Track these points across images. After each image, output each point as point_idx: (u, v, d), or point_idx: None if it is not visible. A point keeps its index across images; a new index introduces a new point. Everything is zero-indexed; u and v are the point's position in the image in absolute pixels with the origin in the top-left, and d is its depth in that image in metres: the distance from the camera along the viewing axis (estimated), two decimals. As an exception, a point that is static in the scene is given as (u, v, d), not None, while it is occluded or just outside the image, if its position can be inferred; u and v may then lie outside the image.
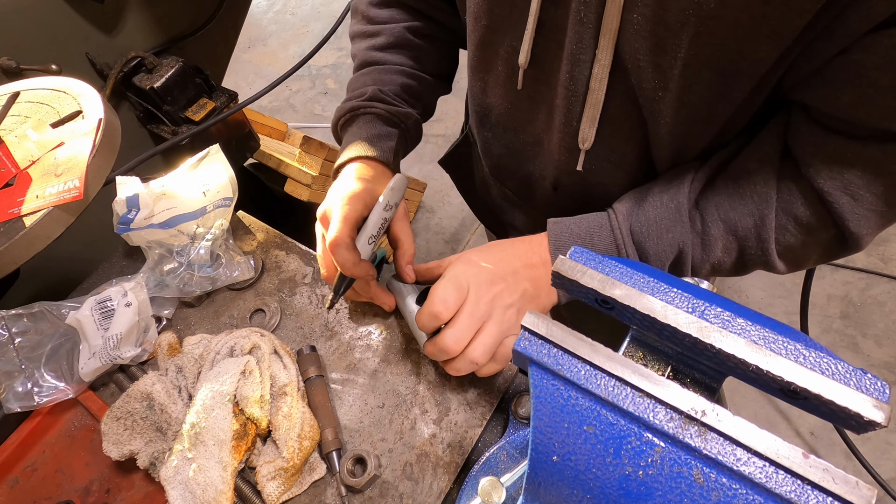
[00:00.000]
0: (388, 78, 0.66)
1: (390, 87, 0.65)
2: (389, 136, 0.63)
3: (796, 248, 0.48)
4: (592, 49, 0.46)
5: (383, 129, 0.63)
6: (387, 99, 0.64)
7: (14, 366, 0.60)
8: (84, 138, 0.62)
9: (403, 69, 0.67)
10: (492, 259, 0.52)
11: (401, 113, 0.64)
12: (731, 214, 0.48)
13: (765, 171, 0.47)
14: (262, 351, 0.58)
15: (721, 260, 0.50)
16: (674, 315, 0.28)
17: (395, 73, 0.66)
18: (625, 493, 0.27)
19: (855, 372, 0.25)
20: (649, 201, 0.50)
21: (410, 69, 0.67)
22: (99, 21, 0.94)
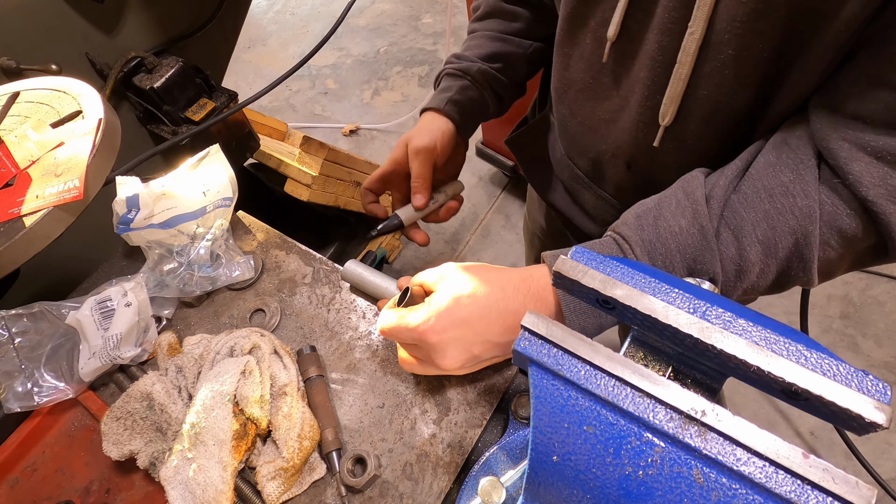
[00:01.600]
0: (473, 43, 0.75)
1: (474, 50, 0.74)
2: (449, 89, 0.72)
3: (834, 260, 0.44)
4: (685, 21, 0.44)
5: (447, 83, 0.73)
6: (455, 60, 0.74)
7: (14, 366, 0.60)
8: (84, 138, 0.62)
9: (489, 33, 0.74)
10: (481, 308, 0.47)
11: (463, 67, 0.72)
12: (770, 234, 0.43)
13: (803, 181, 0.42)
14: (262, 351, 0.58)
15: (755, 284, 0.46)
16: (675, 316, 0.28)
17: (480, 38, 0.75)
18: (625, 493, 0.27)
19: (856, 373, 0.25)
20: (666, 227, 0.45)
21: (497, 33, 0.74)
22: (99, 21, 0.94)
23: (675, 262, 0.45)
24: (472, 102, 0.72)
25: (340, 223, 1.74)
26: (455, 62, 0.74)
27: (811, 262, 0.43)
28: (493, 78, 0.73)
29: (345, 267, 0.66)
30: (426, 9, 2.96)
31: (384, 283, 0.63)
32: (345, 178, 1.58)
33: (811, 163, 0.42)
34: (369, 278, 0.64)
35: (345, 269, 0.66)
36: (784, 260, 0.44)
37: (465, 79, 0.72)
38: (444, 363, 0.47)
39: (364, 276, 0.64)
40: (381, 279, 0.64)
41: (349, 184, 1.60)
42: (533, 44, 0.75)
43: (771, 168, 0.44)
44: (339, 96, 2.62)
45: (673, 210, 0.46)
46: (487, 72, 0.72)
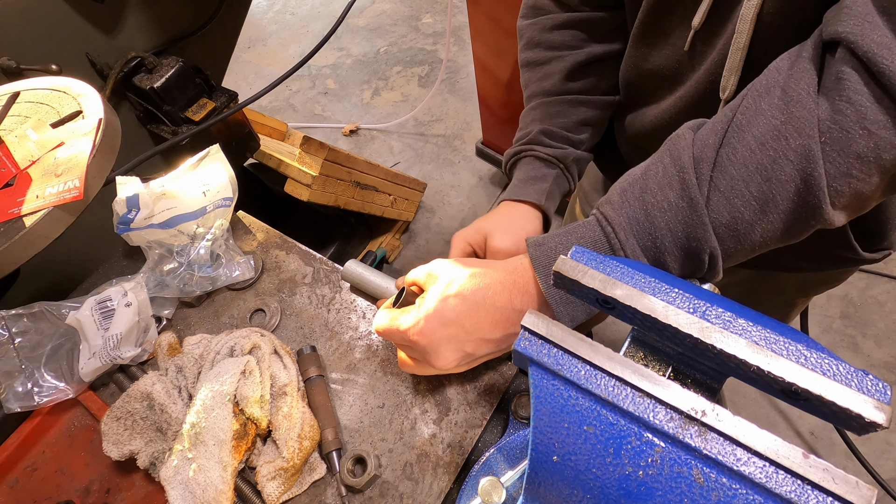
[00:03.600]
0: (555, 110, 0.66)
1: (558, 120, 0.65)
2: (545, 179, 0.64)
3: (865, 191, 0.38)
4: None
5: (540, 171, 0.64)
6: (546, 140, 0.65)
7: (14, 366, 0.60)
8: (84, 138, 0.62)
9: (577, 98, 0.66)
10: (470, 307, 0.46)
11: (559, 154, 0.64)
12: (765, 188, 0.38)
13: (794, 119, 0.37)
14: (262, 351, 0.58)
15: (761, 241, 0.41)
16: (675, 315, 0.28)
17: (566, 105, 0.66)
18: (625, 493, 0.27)
19: (856, 373, 0.25)
20: (653, 203, 0.41)
21: (585, 95, 0.66)
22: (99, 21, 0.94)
23: (666, 240, 0.41)
24: (561, 193, 0.66)
25: (340, 223, 1.74)
26: (545, 142, 0.65)
27: (819, 206, 0.38)
28: (582, 157, 0.67)
29: (345, 267, 0.66)
30: (426, 9, 2.96)
31: (384, 282, 0.63)
32: (345, 178, 1.57)
33: (803, 91, 0.38)
34: (369, 278, 0.64)
35: (345, 269, 0.65)
36: (787, 211, 0.39)
37: (558, 166, 0.65)
38: (439, 363, 0.48)
39: (364, 275, 0.64)
40: (380, 279, 0.63)
41: (349, 184, 1.60)
42: (612, 99, 0.68)
43: (758, 113, 0.39)
44: (339, 96, 2.62)
45: (660, 180, 0.41)
46: (580, 157, 0.66)
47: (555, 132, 0.65)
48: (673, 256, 0.41)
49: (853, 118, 0.35)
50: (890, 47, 0.33)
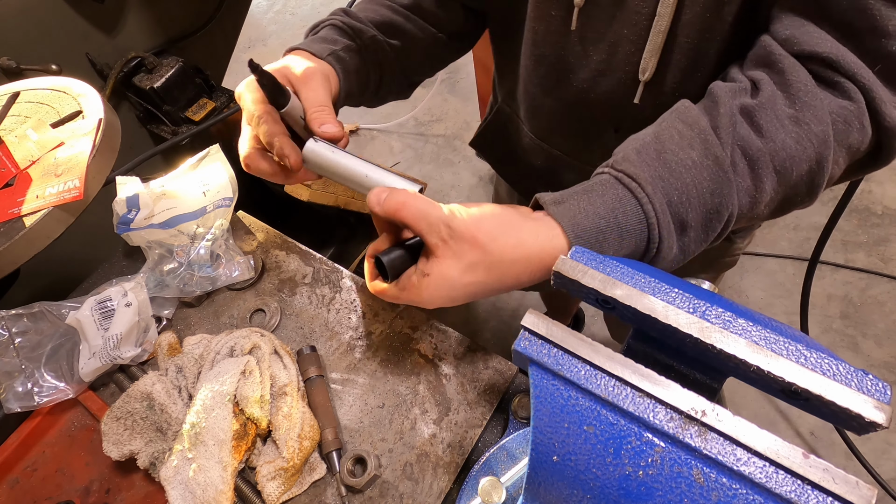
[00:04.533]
0: (368, 6, 0.62)
1: (366, 13, 0.61)
2: (335, 42, 0.57)
3: (834, 177, 0.43)
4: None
5: (331, 35, 0.58)
6: (344, 16, 0.60)
7: (14, 366, 0.60)
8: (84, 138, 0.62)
9: (391, 4, 0.62)
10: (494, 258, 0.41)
11: (356, 27, 0.58)
12: (787, 164, 0.40)
13: (813, 108, 0.40)
14: (262, 351, 0.58)
15: (761, 213, 0.44)
16: (675, 315, 0.28)
17: (379, 4, 0.62)
18: (625, 493, 0.27)
19: (856, 373, 0.25)
20: (676, 160, 0.41)
21: (401, 7, 0.62)
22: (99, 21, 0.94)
23: (692, 197, 0.40)
24: (355, 72, 0.58)
25: (340, 223, 1.74)
26: (344, 17, 0.59)
27: (819, 187, 0.42)
28: (385, 55, 0.61)
29: (307, 147, 0.50)
30: (426, 9, 2.96)
31: (361, 167, 0.49)
32: (345, 178, 1.57)
33: (809, 84, 0.41)
34: (340, 162, 0.50)
35: (307, 150, 0.50)
36: (793, 187, 0.42)
37: (354, 41, 0.59)
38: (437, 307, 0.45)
39: (332, 159, 0.50)
40: (355, 162, 0.50)
41: (349, 184, 1.60)
42: (437, 34, 0.64)
43: (778, 97, 0.41)
44: (339, 96, 2.62)
45: (678, 142, 0.41)
46: (382, 44, 0.60)
47: (359, 16, 0.60)
48: (696, 213, 0.41)
49: (855, 114, 0.40)
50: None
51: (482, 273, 0.41)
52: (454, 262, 0.41)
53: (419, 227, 0.42)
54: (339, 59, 0.56)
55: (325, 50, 0.55)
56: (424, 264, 0.43)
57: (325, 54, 0.55)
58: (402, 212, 0.42)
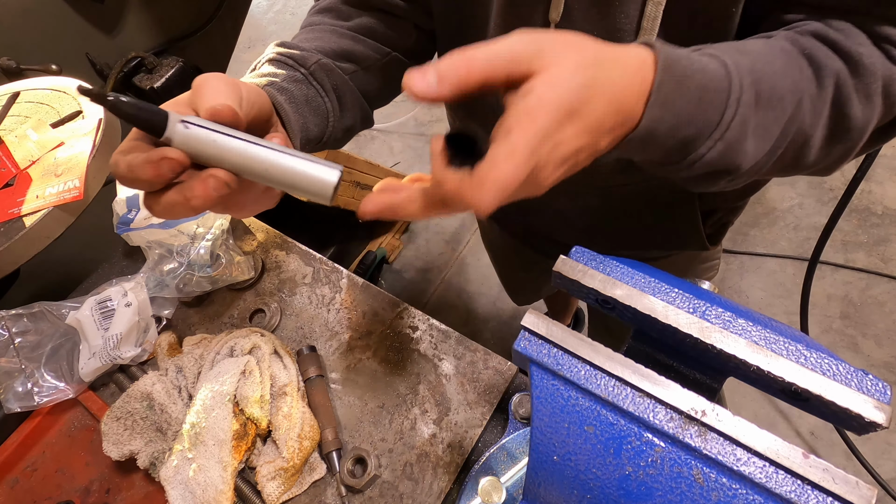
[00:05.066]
0: (310, 35, 0.53)
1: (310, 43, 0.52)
2: (273, 75, 0.46)
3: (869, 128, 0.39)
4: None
5: (269, 69, 0.47)
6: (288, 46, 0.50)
7: (14, 366, 0.60)
8: (84, 138, 0.62)
9: (337, 28, 0.55)
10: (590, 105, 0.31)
11: (294, 55, 0.49)
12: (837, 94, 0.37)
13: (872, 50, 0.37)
14: (262, 351, 0.58)
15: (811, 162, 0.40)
16: (675, 315, 0.28)
17: (323, 31, 0.54)
18: (625, 493, 0.27)
19: (856, 373, 0.25)
20: (750, 47, 0.38)
21: (347, 30, 0.55)
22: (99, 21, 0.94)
23: (767, 74, 0.37)
24: (306, 103, 0.47)
25: (340, 223, 1.74)
26: (280, 48, 0.50)
27: (853, 150, 0.40)
28: (338, 78, 0.51)
29: (173, 130, 0.32)
30: (426, 9, 2.96)
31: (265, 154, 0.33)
32: (345, 178, 1.58)
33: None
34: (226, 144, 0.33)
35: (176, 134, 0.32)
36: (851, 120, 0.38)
37: (298, 70, 0.48)
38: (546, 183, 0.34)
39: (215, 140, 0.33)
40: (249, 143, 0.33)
41: (349, 184, 1.60)
42: (391, 52, 0.57)
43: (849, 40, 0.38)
44: (339, 96, 2.62)
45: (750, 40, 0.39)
46: (333, 68, 0.51)
47: (300, 45, 0.51)
48: (776, 90, 0.36)
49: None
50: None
51: (591, 72, 0.31)
52: (561, 65, 0.30)
53: (503, 62, 0.30)
54: (282, 90, 0.45)
55: (263, 82, 0.45)
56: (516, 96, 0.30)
57: (263, 84, 0.44)
58: (476, 62, 0.30)
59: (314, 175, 0.33)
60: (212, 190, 0.32)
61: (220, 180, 0.32)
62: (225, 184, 0.33)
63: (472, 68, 0.30)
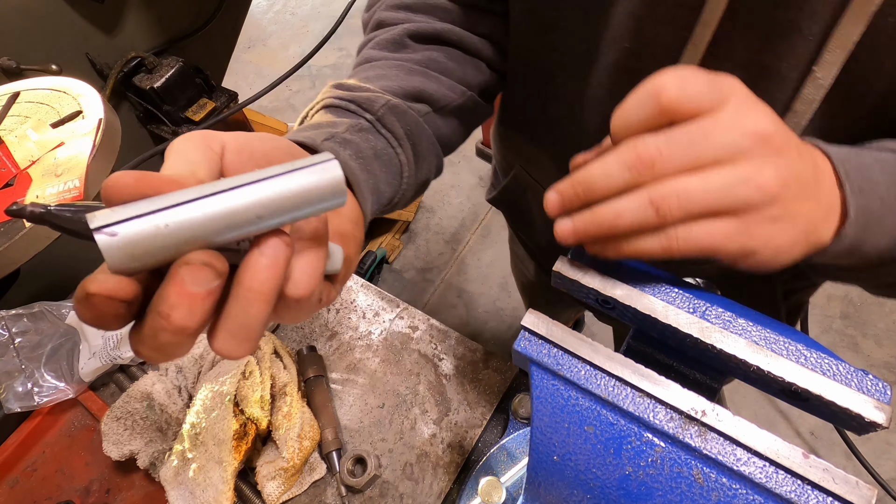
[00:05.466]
0: (375, 73, 0.45)
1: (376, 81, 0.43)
2: (333, 125, 0.38)
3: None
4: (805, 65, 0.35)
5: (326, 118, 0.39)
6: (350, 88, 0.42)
7: (14, 366, 0.60)
8: (84, 138, 0.62)
9: (405, 64, 0.46)
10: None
11: (357, 98, 0.40)
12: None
13: None
14: (262, 351, 0.58)
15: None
16: (675, 315, 0.28)
17: (390, 67, 0.46)
18: (625, 493, 0.27)
19: (856, 373, 0.25)
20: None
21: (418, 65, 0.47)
22: (99, 21, 0.94)
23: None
24: (375, 157, 0.38)
25: (340, 223, 1.74)
26: (339, 91, 0.41)
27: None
28: (411, 120, 0.42)
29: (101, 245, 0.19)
30: (426, 9, 2.96)
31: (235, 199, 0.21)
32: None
33: None
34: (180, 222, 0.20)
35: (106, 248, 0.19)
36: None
37: (363, 116, 0.39)
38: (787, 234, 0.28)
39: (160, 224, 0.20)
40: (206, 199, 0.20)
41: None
42: (466, 91, 0.49)
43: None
44: (339, 96, 2.62)
45: None
46: (404, 112, 0.42)
47: (364, 85, 0.42)
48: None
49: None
50: None
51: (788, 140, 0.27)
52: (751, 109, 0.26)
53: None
54: (345, 143, 0.36)
55: (320, 136, 0.35)
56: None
57: (320, 139, 0.35)
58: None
59: (315, 182, 0.22)
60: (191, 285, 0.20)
61: (196, 266, 0.20)
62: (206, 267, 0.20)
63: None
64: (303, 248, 0.24)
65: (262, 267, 0.21)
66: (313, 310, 0.27)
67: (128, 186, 0.20)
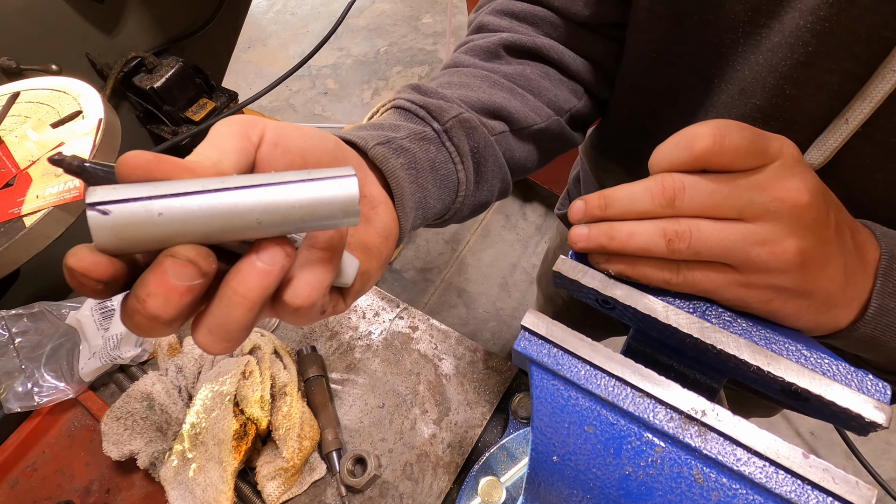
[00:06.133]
0: (458, 79, 0.42)
1: (455, 89, 0.41)
2: (394, 129, 0.35)
3: None
4: None
5: (391, 120, 0.37)
6: (415, 94, 0.39)
7: (14, 366, 0.60)
8: (84, 138, 0.62)
9: (493, 76, 0.43)
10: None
11: (428, 104, 0.37)
12: None
13: None
14: (262, 351, 0.58)
15: None
16: (675, 315, 0.28)
17: (474, 77, 0.43)
18: (625, 493, 0.27)
19: (856, 373, 0.25)
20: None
21: (507, 79, 0.43)
22: (99, 21, 0.94)
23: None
24: (432, 169, 0.36)
25: (340, 223, 1.74)
26: (413, 94, 0.39)
27: None
28: (481, 139, 0.39)
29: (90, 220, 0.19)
30: (426, 9, 2.96)
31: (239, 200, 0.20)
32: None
33: None
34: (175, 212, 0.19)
35: (94, 225, 0.19)
36: None
37: (429, 125, 0.37)
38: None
39: (154, 213, 0.19)
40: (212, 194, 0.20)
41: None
42: (552, 115, 0.45)
43: None
44: (339, 96, 2.62)
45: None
46: (476, 126, 0.38)
47: (440, 91, 0.39)
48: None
49: None
50: None
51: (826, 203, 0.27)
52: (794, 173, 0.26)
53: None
54: (400, 150, 0.34)
55: (374, 138, 0.33)
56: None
57: (372, 143, 0.32)
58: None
59: (327, 197, 0.21)
60: (172, 277, 0.19)
61: (181, 261, 0.19)
62: (191, 264, 0.19)
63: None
64: (312, 257, 0.23)
65: (252, 273, 0.21)
66: (315, 319, 0.26)
67: (139, 167, 0.20)
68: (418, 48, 2.77)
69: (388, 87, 2.62)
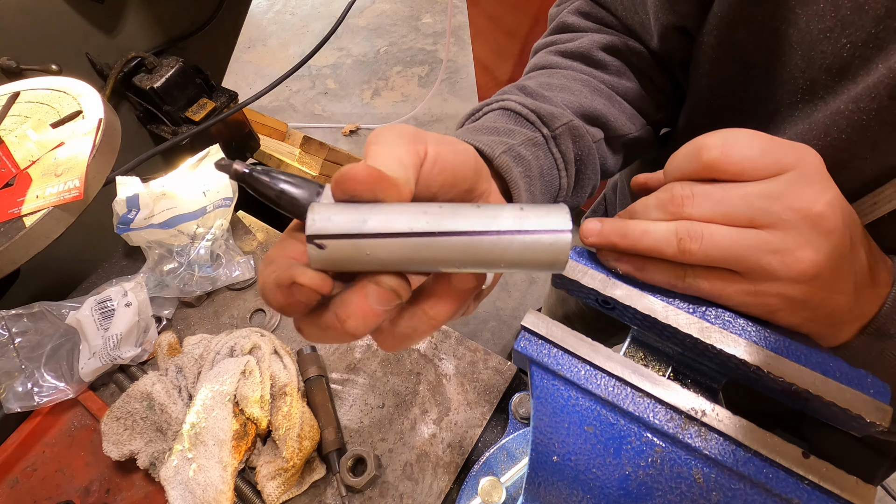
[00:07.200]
0: (559, 81, 0.42)
1: (558, 92, 0.41)
2: (509, 133, 0.36)
3: None
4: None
5: (504, 123, 0.37)
6: (524, 97, 0.40)
7: (14, 366, 0.60)
8: (84, 138, 0.62)
9: (592, 80, 0.44)
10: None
11: (544, 111, 0.38)
12: None
13: None
14: (262, 351, 0.58)
15: None
16: (675, 315, 0.28)
17: (574, 80, 0.43)
18: (625, 493, 0.27)
19: (856, 373, 0.25)
20: None
21: (605, 85, 0.44)
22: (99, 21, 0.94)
23: None
24: (540, 177, 0.37)
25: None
26: (521, 97, 0.40)
27: None
28: (587, 150, 0.40)
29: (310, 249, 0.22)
30: (426, 9, 2.96)
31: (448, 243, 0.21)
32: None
33: None
34: (381, 252, 0.22)
35: (313, 254, 0.21)
36: None
37: (540, 131, 0.38)
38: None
39: (364, 249, 0.21)
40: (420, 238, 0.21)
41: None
42: (646, 125, 0.47)
43: None
44: (339, 96, 2.62)
45: None
46: (582, 136, 0.40)
47: (546, 95, 0.41)
48: None
49: None
50: None
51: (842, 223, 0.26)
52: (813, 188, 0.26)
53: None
54: (518, 158, 0.34)
55: (497, 145, 0.34)
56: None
57: (498, 151, 0.33)
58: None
59: (537, 249, 0.20)
60: (373, 303, 0.21)
61: (384, 290, 0.22)
62: (392, 293, 0.22)
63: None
64: (446, 293, 0.24)
65: (448, 302, 0.24)
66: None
67: (357, 182, 0.21)
68: (418, 48, 2.77)
69: (388, 87, 2.62)
